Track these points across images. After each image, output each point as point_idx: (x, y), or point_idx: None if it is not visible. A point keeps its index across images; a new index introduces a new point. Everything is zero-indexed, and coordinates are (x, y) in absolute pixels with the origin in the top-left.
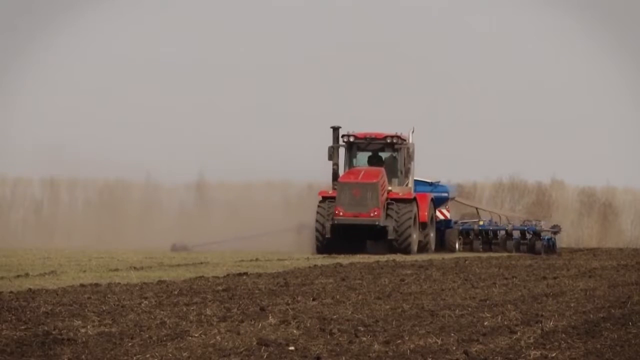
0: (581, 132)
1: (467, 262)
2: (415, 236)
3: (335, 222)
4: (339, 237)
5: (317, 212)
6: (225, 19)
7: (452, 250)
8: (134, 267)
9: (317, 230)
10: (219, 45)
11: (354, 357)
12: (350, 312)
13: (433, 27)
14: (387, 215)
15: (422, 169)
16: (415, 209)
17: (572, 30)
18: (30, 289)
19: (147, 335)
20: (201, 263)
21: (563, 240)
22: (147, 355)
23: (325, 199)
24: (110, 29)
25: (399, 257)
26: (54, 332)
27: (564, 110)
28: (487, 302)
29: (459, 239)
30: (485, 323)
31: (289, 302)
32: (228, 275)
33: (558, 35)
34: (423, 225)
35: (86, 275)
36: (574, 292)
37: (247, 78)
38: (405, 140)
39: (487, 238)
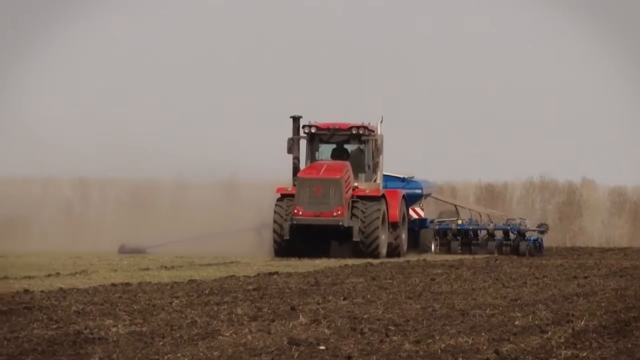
0: (612, 132)
1: (497, 261)
2: (384, 237)
3: (295, 222)
4: (299, 238)
5: (275, 211)
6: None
7: (427, 252)
8: (165, 267)
9: (274, 231)
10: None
11: (384, 357)
12: (381, 312)
13: (461, 26)
14: (352, 214)
15: (462, 168)
16: (383, 207)
17: (598, 31)
18: (61, 288)
19: (178, 335)
20: (232, 262)
21: (594, 240)
22: (178, 355)
23: (283, 196)
24: (140, 28)
25: (430, 257)
26: (85, 332)
27: (595, 110)
28: (518, 301)
29: (435, 239)
30: (516, 322)
31: (320, 301)
32: (259, 274)
33: (589, 36)
34: (393, 225)
35: (117, 274)
36: (604, 291)
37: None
38: (373, 131)
39: (466, 238)
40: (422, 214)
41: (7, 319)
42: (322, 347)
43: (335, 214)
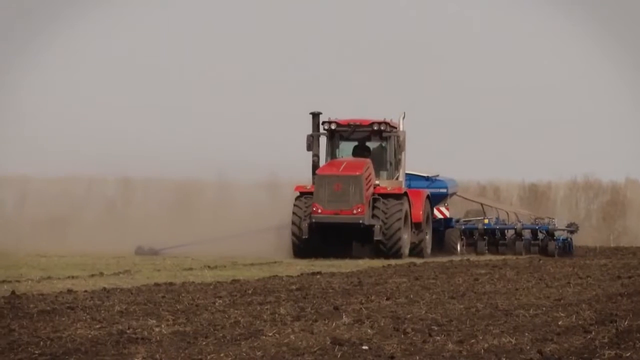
0: None
1: (541, 261)
2: (406, 237)
3: (314, 220)
4: (319, 238)
5: (294, 210)
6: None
7: (453, 252)
8: (208, 266)
9: (293, 230)
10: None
11: (427, 357)
12: (424, 312)
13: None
14: (373, 213)
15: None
16: (406, 205)
17: None
18: (104, 288)
19: (221, 335)
20: (275, 262)
21: (638, 240)
22: (221, 355)
23: (302, 194)
24: (179, 29)
25: (473, 256)
26: (128, 331)
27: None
28: (562, 301)
29: (461, 239)
30: (560, 323)
31: (363, 301)
32: (302, 274)
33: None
34: (417, 226)
35: (160, 274)
36: None
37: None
38: (395, 127)
39: (493, 238)
40: (447, 213)
41: (50, 318)
42: (365, 347)
43: (355, 211)
